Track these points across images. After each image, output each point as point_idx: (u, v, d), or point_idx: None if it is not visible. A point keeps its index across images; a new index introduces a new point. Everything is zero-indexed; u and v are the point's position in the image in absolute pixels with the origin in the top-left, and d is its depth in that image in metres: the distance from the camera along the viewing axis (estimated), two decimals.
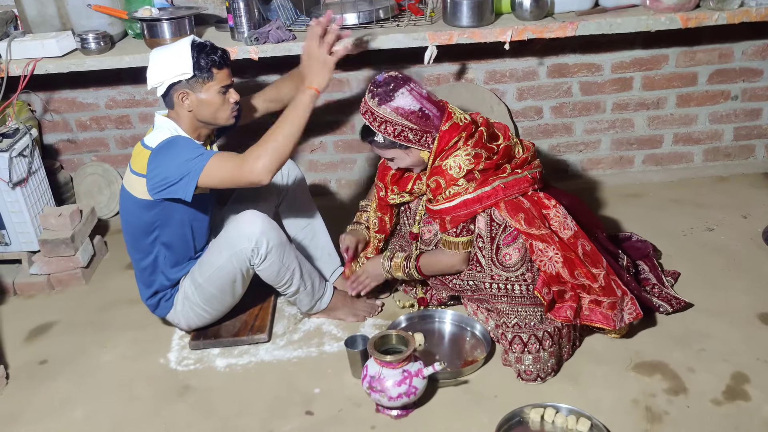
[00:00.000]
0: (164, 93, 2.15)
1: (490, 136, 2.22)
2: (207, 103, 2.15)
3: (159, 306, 2.33)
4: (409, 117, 2.12)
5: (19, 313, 2.67)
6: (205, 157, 2.05)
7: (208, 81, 2.13)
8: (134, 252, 2.30)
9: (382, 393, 1.96)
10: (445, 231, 2.19)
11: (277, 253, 2.17)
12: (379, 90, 2.14)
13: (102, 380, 2.28)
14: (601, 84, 3.20)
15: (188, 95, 2.14)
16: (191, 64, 2.09)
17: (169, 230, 2.22)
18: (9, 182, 2.64)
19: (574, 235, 2.17)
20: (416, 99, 2.14)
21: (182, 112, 2.17)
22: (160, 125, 2.19)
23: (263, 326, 2.40)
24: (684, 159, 3.40)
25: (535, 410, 1.96)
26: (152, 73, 2.14)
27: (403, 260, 2.34)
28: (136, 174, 2.14)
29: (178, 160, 2.05)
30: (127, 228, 2.27)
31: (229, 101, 2.19)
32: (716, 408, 1.99)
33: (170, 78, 2.11)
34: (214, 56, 2.13)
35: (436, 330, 2.40)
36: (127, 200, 2.21)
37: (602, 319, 2.13)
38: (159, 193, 2.10)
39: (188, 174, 2.04)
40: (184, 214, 2.20)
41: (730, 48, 3.14)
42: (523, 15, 2.75)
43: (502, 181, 2.14)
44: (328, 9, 2.63)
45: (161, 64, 2.12)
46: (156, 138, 2.12)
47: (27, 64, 2.71)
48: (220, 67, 2.14)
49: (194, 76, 2.11)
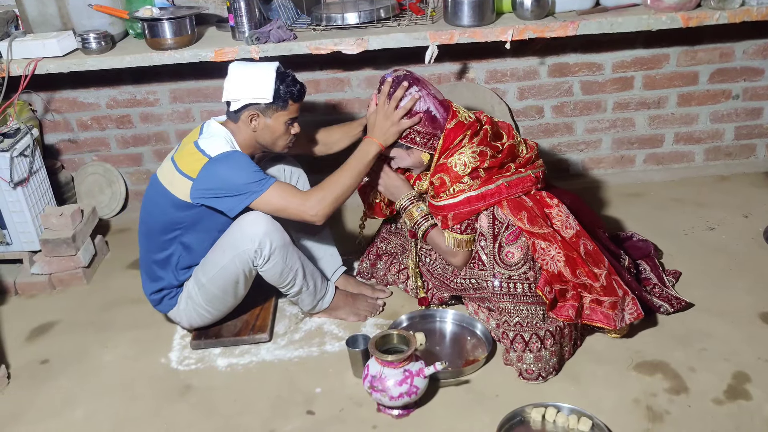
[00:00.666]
0: (236, 109, 2.18)
1: (494, 134, 2.22)
2: (272, 129, 2.20)
3: (162, 302, 2.33)
4: (415, 115, 2.13)
5: (20, 312, 2.67)
6: (266, 183, 2.10)
7: (281, 110, 2.17)
8: (147, 242, 2.29)
9: (384, 392, 1.96)
10: (447, 227, 2.19)
11: (281, 254, 2.18)
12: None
13: (103, 380, 2.28)
14: (602, 83, 3.20)
15: (258, 117, 2.18)
16: (272, 92, 2.13)
17: (193, 233, 2.23)
18: (10, 182, 2.65)
19: (576, 234, 2.17)
20: (424, 100, 2.14)
21: (246, 129, 2.20)
22: (216, 133, 2.19)
23: (264, 326, 2.40)
24: (685, 158, 3.40)
25: (537, 410, 1.96)
26: (232, 88, 2.16)
27: (420, 216, 2.26)
28: (182, 174, 2.14)
29: (238, 178, 2.09)
30: (149, 218, 2.27)
31: (291, 132, 2.24)
32: (717, 407, 1.98)
33: (249, 98, 2.14)
34: (294, 89, 2.17)
35: (437, 329, 2.40)
36: (159, 194, 2.20)
37: (603, 318, 2.13)
38: (203, 200, 2.12)
39: (244, 194, 2.09)
40: (215, 222, 2.21)
41: (731, 47, 3.14)
42: (524, 14, 2.75)
43: (506, 180, 2.14)
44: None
45: (244, 81, 2.15)
46: (214, 146, 2.13)
47: (28, 63, 2.71)
48: (296, 100, 2.19)
49: (272, 102, 2.15)
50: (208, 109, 3.18)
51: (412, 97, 2.13)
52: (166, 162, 2.23)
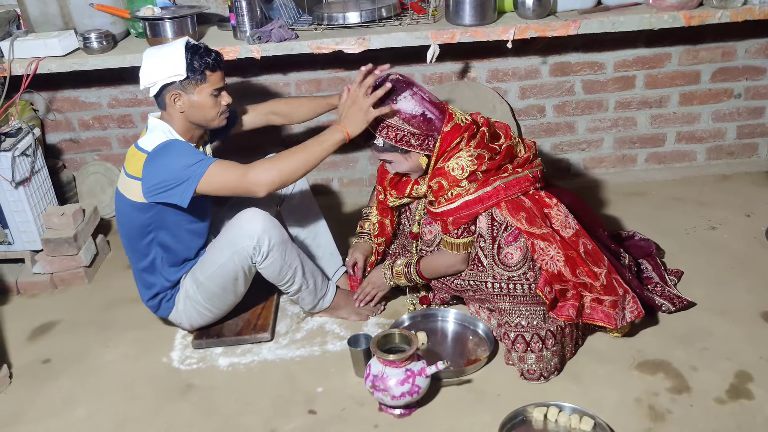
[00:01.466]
0: (156, 93, 2.14)
1: (491, 135, 2.21)
2: (199, 105, 2.14)
3: (160, 307, 2.33)
4: (411, 121, 2.11)
5: (22, 312, 2.67)
6: (205, 163, 2.04)
7: (201, 83, 2.12)
8: (132, 253, 2.29)
9: (385, 392, 1.96)
10: (447, 233, 2.19)
11: (279, 250, 2.17)
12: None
13: (105, 379, 2.28)
14: (604, 82, 3.20)
15: (180, 96, 2.12)
16: (185, 65, 2.08)
17: (165, 232, 2.21)
18: (12, 181, 2.65)
19: (575, 233, 2.17)
20: (418, 103, 2.12)
21: (174, 113, 2.16)
22: (153, 127, 2.17)
23: (266, 325, 2.40)
24: (687, 157, 3.40)
25: (538, 409, 1.96)
26: (145, 73, 2.13)
27: (404, 267, 2.34)
28: (130, 177, 2.13)
29: (176, 165, 2.04)
30: (123, 230, 2.26)
31: (221, 104, 2.19)
32: (719, 407, 1.98)
33: (163, 79, 2.09)
34: (208, 58, 2.11)
35: (438, 329, 2.40)
36: (121, 202, 2.20)
37: (604, 317, 2.13)
38: (154, 197, 2.09)
39: (187, 180, 2.03)
40: (179, 216, 2.18)
41: (733, 46, 3.13)
42: (525, 13, 2.75)
43: (503, 181, 2.13)
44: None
45: (154, 64, 2.11)
46: (151, 141, 2.11)
47: (30, 63, 2.71)
48: (213, 69, 2.13)
49: (187, 77, 2.10)
50: None
51: (384, 87, 2.06)
52: (121, 170, 2.22)
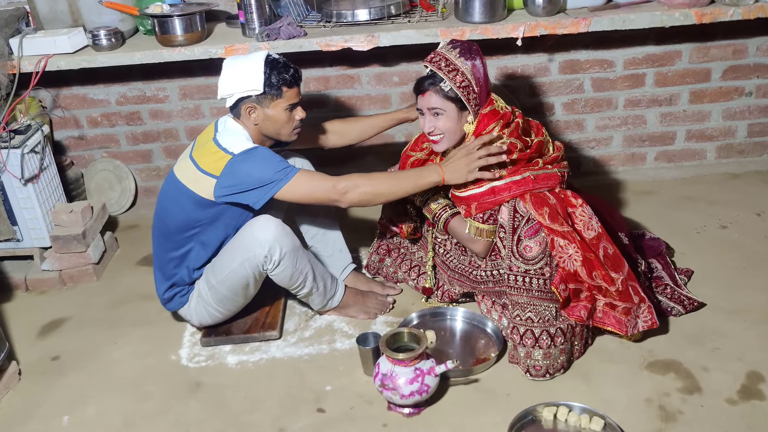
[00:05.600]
0: (233, 105, 2.17)
1: (524, 129, 2.22)
2: (273, 119, 2.17)
3: (173, 300, 2.33)
4: (478, 80, 2.14)
5: (31, 309, 2.68)
6: (291, 171, 2.07)
7: (277, 98, 2.14)
8: (165, 240, 2.28)
9: (394, 391, 1.96)
10: (470, 216, 2.19)
11: (291, 258, 2.17)
12: (462, 45, 2.16)
13: (113, 376, 2.28)
14: (614, 80, 3.18)
15: (255, 109, 2.15)
16: (262, 81, 2.10)
17: (212, 230, 2.22)
18: (21, 178, 2.65)
19: (597, 236, 2.16)
20: (485, 71, 2.17)
21: (248, 124, 2.19)
22: (235, 131, 2.18)
23: (274, 323, 2.39)
24: (697, 156, 3.38)
25: (548, 409, 1.95)
26: (223, 84, 2.15)
27: (438, 209, 2.30)
28: (204, 173, 2.12)
29: (263, 173, 2.06)
30: (167, 217, 2.25)
31: (295, 119, 2.21)
32: (731, 407, 1.97)
33: (240, 92, 2.12)
34: (286, 74, 2.14)
35: (447, 327, 2.39)
36: (180, 192, 2.18)
37: (615, 323, 2.12)
38: (227, 197, 2.10)
39: (269, 184, 2.06)
40: (235, 217, 2.19)
41: (744, 44, 3.11)
42: (535, 11, 2.74)
43: (533, 173, 2.13)
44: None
45: (233, 75, 2.13)
46: (236, 143, 2.11)
47: (39, 60, 2.71)
48: (290, 85, 2.15)
49: (264, 92, 2.12)
50: (217, 106, 3.18)
51: (499, 156, 2.10)
52: (184, 160, 2.21)
